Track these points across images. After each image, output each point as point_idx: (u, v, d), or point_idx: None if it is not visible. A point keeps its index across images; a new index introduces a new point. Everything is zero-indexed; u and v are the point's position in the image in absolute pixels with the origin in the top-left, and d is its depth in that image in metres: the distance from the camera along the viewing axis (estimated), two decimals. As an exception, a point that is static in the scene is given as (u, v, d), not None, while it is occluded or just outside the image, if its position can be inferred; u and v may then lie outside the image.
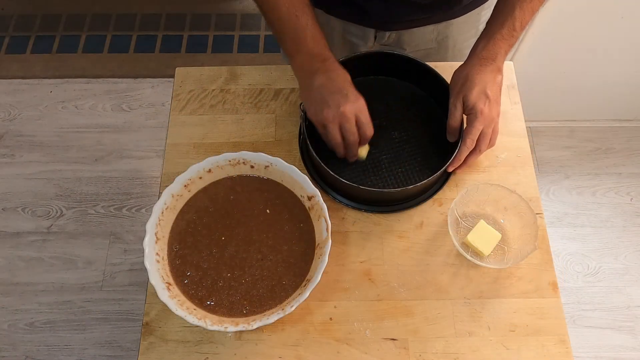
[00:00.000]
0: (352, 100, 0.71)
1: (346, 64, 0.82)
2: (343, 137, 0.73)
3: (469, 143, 0.75)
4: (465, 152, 0.76)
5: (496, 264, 0.74)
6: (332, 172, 0.74)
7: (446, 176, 0.82)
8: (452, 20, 0.90)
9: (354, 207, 0.79)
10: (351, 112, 0.71)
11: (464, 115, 0.76)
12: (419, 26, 0.90)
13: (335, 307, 0.72)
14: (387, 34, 0.91)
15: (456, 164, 0.77)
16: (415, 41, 0.93)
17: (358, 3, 0.83)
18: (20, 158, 1.73)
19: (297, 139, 0.85)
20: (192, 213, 0.74)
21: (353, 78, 0.88)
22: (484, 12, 0.91)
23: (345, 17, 0.90)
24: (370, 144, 0.78)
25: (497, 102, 0.76)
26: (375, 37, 0.92)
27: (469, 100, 0.74)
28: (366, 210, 0.79)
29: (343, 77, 0.73)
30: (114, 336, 1.45)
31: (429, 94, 0.87)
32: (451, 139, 0.77)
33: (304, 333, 0.71)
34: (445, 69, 0.83)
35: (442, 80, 0.81)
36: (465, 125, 0.76)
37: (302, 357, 0.69)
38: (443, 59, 0.97)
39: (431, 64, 0.83)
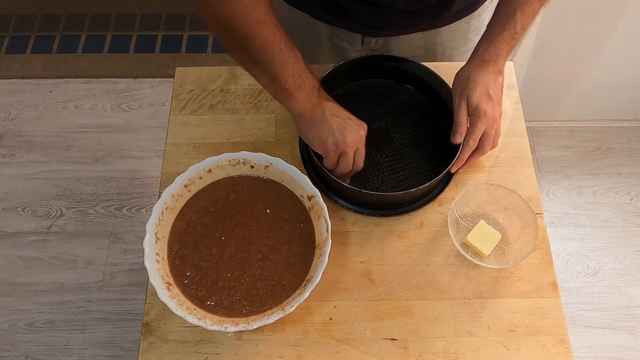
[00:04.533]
0: (362, 126, 0.74)
1: (346, 66, 0.82)
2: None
3: (472, 143, 0.75)
4: (467, 153, 0.76)
5: (496, 264, 0.74)
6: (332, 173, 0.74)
7: (448, 178, 0.81)
8: (441, 29, 0.89)
9: (355, 211, 0.78)
10: (364, 137, 0.74)
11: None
12: (406, 33, 0.89)
13: (335, 307, 0.72)
14: (374, 39, 0.90)
15: (459, 165, 0.77)
16: (403, 47, 0.91)
17: (343, 8, 0.83)
18: (20, 158, 1.73)
19: (298, 140, 0.84)
20: (192, 213, 0.74)
21: (353, 81, 0.88)
22: (473, 22, 0.91)
23: (331, 22, 0.89)
24: (371, 146, 0.79)
25: (499, 103, 0.76)
26: (363, 42, 0.91)
27: (472, 101, 0.74)
28: (368, 214, 0.78)
29: (338, 104, 0.75)
30: (114, 336, 1.45)
31: (429, 96, 0.86)
32: (457, 139, 0.75)
33: (304, 333, 0.71)
34: (445, 70, 0.84)
35: (443, 82, 0.81)
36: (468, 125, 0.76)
37: (302, 357, 0.69)
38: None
39: (431, 65, 0.83)
